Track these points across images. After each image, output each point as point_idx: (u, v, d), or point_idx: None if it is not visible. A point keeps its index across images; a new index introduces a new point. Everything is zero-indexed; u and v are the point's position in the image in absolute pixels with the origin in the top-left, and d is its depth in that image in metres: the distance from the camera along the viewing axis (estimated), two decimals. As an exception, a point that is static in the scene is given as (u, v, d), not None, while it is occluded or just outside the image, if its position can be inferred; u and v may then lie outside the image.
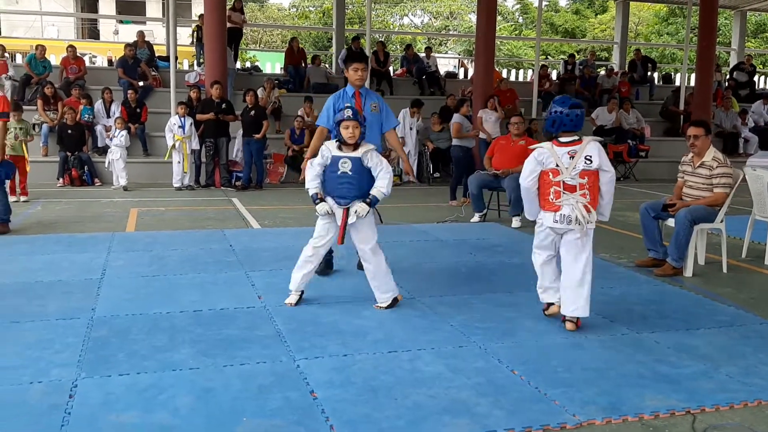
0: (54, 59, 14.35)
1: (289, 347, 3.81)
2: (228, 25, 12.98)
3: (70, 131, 11.25)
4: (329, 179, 4.49)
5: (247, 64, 19.31)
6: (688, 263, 5.70)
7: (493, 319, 4.40)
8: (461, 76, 18.77)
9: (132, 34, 16.32)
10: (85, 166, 11.30)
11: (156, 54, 14.71)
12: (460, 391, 3.27)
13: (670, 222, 5.80)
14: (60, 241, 6.67)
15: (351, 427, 2.89)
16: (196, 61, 15.39)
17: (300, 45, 15.81)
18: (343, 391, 3.24)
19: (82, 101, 12.10)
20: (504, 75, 18.46)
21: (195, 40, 14.97)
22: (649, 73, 17.89)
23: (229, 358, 3.63)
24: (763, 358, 3.79)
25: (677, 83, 18.11)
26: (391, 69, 16.24)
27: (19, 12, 27.64)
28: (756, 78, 19.46)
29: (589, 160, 4.13)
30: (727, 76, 18.65)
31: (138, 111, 12.22)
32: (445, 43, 36.15)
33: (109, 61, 18.61)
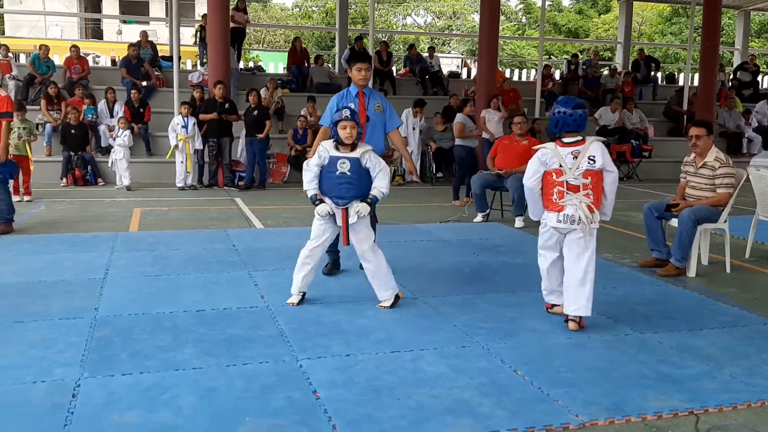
0: (57, 59, 14.36)
1: (292, 347, 3.81)
2: (231, 24, 12.99)
3: (73, 131, 11.28)
4: (327, 179, 4.49)
5: (250, 64, 19.32)
6: (692, 263, 5.69)
7: (496, 319, 4.40)
8: (464, 75, 18.76)
9: (135, 34, 16.32)
10: (89, 166, 11.32)
11: (159, 54, 14.72)
12: (462, 391, 3.27)
13: (674, 222, 5.79)
14: (63, 240, 6.68)
15: (353, 427, 2.89)
16: (199, 61, 15.41)
17: (303, 45, 15.82)
18: (346, 391, 3.23)
19: (86, 101, 12.12)
20: (507, 75, 18.47)
21: (198, 40, 14.99)
22: (652, 73, 17.86)
23: (232, 357, 3.64)
24: (766, 359, 3.78)
25: (681, 83, 18.07)
26: (394, 69, 16.24)
27: (23, 12, 27.70)
28: (760, 78, 19.42)
29: (592, 160, 4.15)
30: (731, 76, 18.61)
31: (141, 111, 12.23)
32: (448, 43, 36.14)
33: (113, 61, 18.64)
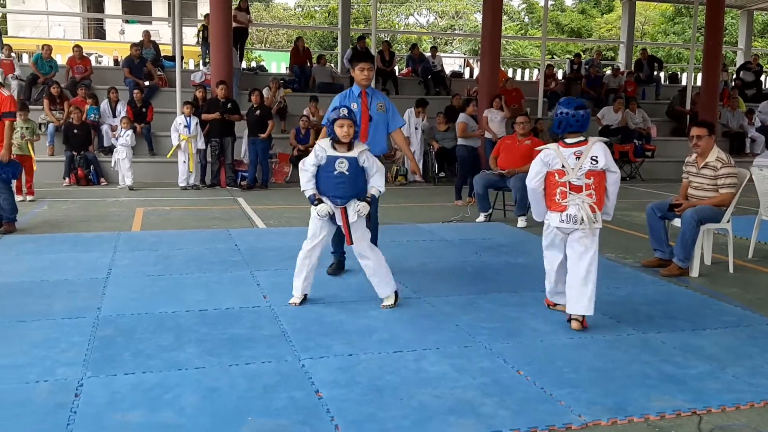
0: (60, 59, 14.38)
1: (294, 347, 3.81)
2: (233, 24, 13.00)
3: (76, 131, 11.29)
4: (325, 179, 4.49)
5: (253, 64, 19.33)
6: (695, 263, 5.68)
7: (498, 319, 4.39)
8: (467, 75, 18.75)
9: (138, 34, 16.33)
10: (91, 166, 11.33)
11: (162, 54, 14.72)
12: (465, 391, 3.26)
13: (677, 222, 5.78)
14: (66, 240, 6.69)
15: (356, 427, 2.89)
16: (201, 61, 15.43)
17: (305, 44, 15.82)
18: (348, 391, 3.23)
19: (88, 101, 12.13)
20: (510, 74, 18.43)
21: (201, 40, 14.99)
22: (655, 73, 17.82)
23: (235, 357, 3.64)
24: (769, 359, 3.77)
25: (683, 83, 18.05)
26: (396, 68, 16.23)
27: (26, 12, 27.73)
28: (763, 78, 19.37)
29: (594, 160, 4.17)
30: (734, 76, 18.58)
31: (144, 111, 12.24)
32: (451, 43, 36.13)
33: (115, 61, 18.64)
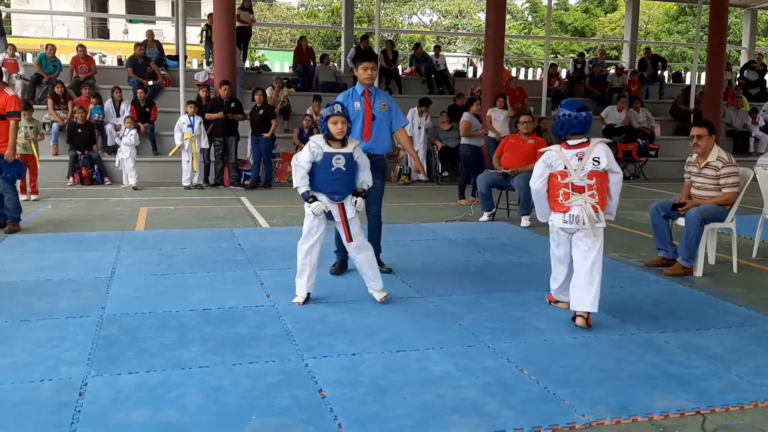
0: (64, 59, 14.41)
1: (298, 346, 3.81)
2: (237, 24, 13.01)
3: (80, 130, 11.31)
4: (322, 175, 4.51)
5: (256, 63, 19.34)
6: (698, 263, 5.67)
7: (502, 318, 4.39)
8: (470, 74, 18.75)
9: (142, 34, 16.36)
10: (95, 165, 11.35)
11: (165, 53, 14.75)
12: (468, 390, 3.26)
13: (681, 221, 5.77)
14: (70, 239, 6.70)
15: (359, 426, 2.89)
16: (205, 61, 15.43)
17: (309, 44, 15.80)
18: (352, 390, 3.24)
19: (92, 100, 12.15)
20: (513, 74, 18.43)
21: (204, 40, 14.99)
22: (659, 72, 17.79)
23: (238, 356, 3.64)
24: (773, 359, 3.77)
25: (687, 82, 18.02)
26: (399, 68, 16.23)
27: (30, 11, 27.82)
28: (766, 77, 19.32)
29: (596, 161, 4.21)
30: (738, 75, 18.53)
31: (147, 110, 12.26)
32: (454, 42, 36.13)
33: (119, 61, 18.69)
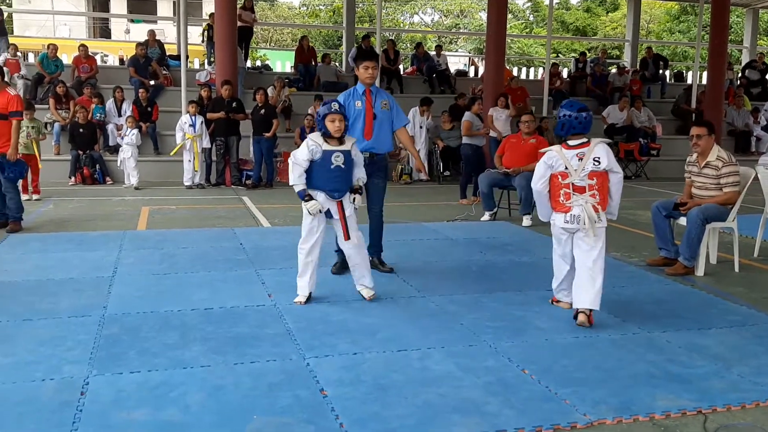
0: (66, 58, 14.42)
1: (299, 345, 3.82)
2: (238, 23, 13.01)
3: (81, 130, 11.33)
4: (321, 173, 4.52)
5: (258, 63, 19.35)
6: (700, 262, 5.66)
7: (503, 317, 4.39)
8: (472, 74, 18.75)
9: (143, 33, 16.39)
10: (97, 165, 11.36)
11: (167, 53, 14.76)
12: (470, 390, 3.26)
13: (682, 221, 5.77)
14: (72, 239, 6.70)
15: (360, 426, 2.89)
16: (206, 60, 15.44)
17: (310, 43, 15.81)
18: (353, 390, 3.24)
19: (94, 100, 12.16)
20: (515, 73, 18.42)
21: (206, 39, 15.01)
22: (660, 71, 17.79)
23: (240, 356, 3.64)
24: (775, 358, 3.76)
25: (689, 81, 17.99)
26: (401, 67, 16.23)
27: (32, 11, 27.84)
28: (768, 76, 19.32)
29: (597, 161, 4.24)
30: (739, 74, 18.52)
31: (149, 110, 12.27)
32: (456, 41, 36.12)
33: (121, 60, 18.73)
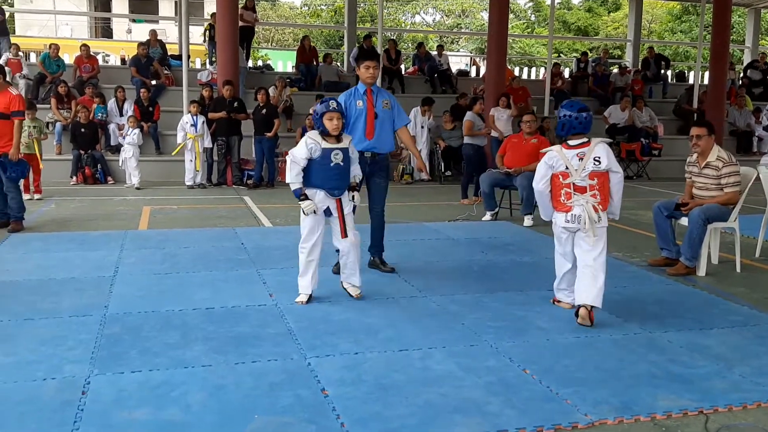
0: (68, 58, 14.42)
1: (301, 345, 3.82)
2: (240, 23, 13.01)
3: (83, 130, 11.34)
4: (321, 171, 4.52)
5: (259, 63, 19.35)
6: (702, 262, 5.66)
7: (504, 317, 4.39)
8: (473, 74, 18.74)
9: (145, 33, 16.39)
10: (98, 165, 11.37)
11: (169, 53, 14.76)
12: (471, 389, 3.26)
13: (684, 221, 5.76)
14: (73, 239, 6.71)
15: (362, 425, 2.89)
16: (208, 60, 15.45)
17: (312, 43, 15.81)
18: (354, 389, 3.24)
19: (96, 100, 12.17)
20: (516, 73, 18.42)
21: (207, 39, 15.02)
22: (662, 71, 17.76)
23: (241, 355, 3.65)
24: (777, 358, 3.76)
25: (691, 81, 17.99)
26: (402, 67, 16.23)
27: (33, 11, 27.84)
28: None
29: (597, 161, 4.25)
30: (741, 74, 18.50)
31: (151, 109, 12.27)
32: (457, 41, 36.10)
33: (122, 60, 18.73)
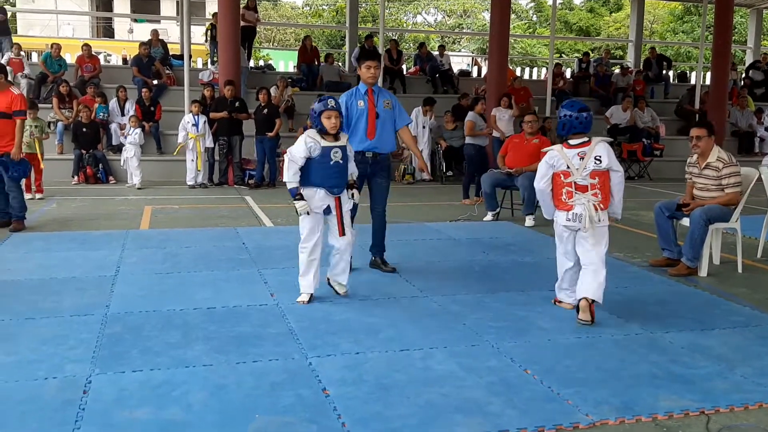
0: (69, 58, 14.43)
1: (302, 345, 3.82)
2: (242, 23, 13.02)
3: (84, 129, 11.35)
4: (320, 170, 4.52)
5: (261, 63, 19.35)
6: (703, 263, 5.65)
7: (506, 318, 4.39)
8: (475, 74, 18.72)
9: (146, 33, 16.38)
10: (100, 164, 11.37)
11: (170, 52, 14.76)
12: (472, 390, 3.26)
13: (685, 221, 5.76)
14: (75, 238, 6.71)
15: (363, 425, 2.89)
16: (209, 60, 15.46)
17: (313, 43, 15.81)
18: (356, 389, 3.24)
19: (97, 99, 12.17)
20: (518, 73, 18.42)
21: (209, 39, 15.02)
22: (664, 72, 17.75)
23: (242, 355, 3.65)
24: (778, 359, 3.76)
25: (692, 82, 17.97)
26: (404, 67, 16.22)
27: (35, 11, 27.88)
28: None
29: (598, 160, 4.28)
30: (743, 75, 18.48)
31: (152, 109, 12.26)
32: (459, 42, 36.10)
33: (124, 60, 18.72)
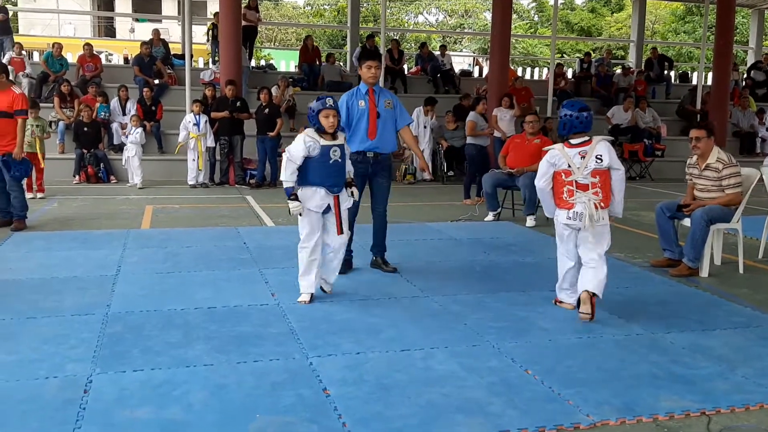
0: (71, 57, 14.44)
1: (302, 345, 3.82)
2: (243, 23, 13.02)
3: (86, 129, 11.35)
4: (320, 169, 4.52)
5: (262, 62, 19.36)
6: (704, 263, 5.65)
7: (506, 318, 4.39)
8: (476, 74, 18.72)
9: (148, 32, 16.39)
10: (101, 164, 11.38)
11: (171, 52, 14.76)
12: (473, 390, 3.26)
13: (686, 222, 5.76)
14: (76, 237, 6.71)
15: (363, 425, 2.89)
16: (211, 59, 15.47)
17: (315, 43, 15.81)
18: (356, 389, 3.24)
19: (98, 99, 12.18)
20: (519, 73, 18.40)
21: (210, 38, 15.03)
22: (665, 72, 17.74)
23: (243, 354, 3.65)
24: (780, 360, 3.75)
25: (694, 82, 17.96)
26: (405, 67, 16.22)
27: (37, 10, 27.88)
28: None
29: (599, 159, 4.30)
30: (745, 75, 18.47)
31: (153, 109, 12.27)
32: (460, 42, 36.08)
33: (125, 59, 18.73)
